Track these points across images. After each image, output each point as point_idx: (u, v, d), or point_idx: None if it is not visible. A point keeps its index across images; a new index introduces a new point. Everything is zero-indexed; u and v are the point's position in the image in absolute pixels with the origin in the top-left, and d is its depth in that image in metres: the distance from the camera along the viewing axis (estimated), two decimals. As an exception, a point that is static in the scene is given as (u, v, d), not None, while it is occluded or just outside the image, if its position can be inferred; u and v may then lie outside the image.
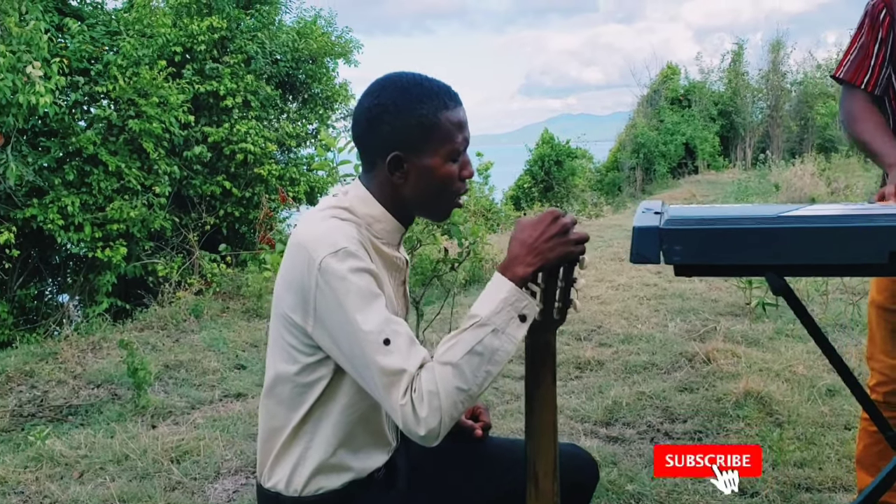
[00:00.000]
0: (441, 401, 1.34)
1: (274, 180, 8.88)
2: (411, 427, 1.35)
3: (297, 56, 9.61)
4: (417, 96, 1.50)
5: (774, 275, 1.61)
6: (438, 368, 1.36)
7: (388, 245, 1.57)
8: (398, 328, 1.40)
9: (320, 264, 1.40)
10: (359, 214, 1.53)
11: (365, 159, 1.57)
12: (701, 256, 1.55)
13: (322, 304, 1.41)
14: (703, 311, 5.71)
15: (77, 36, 7.01)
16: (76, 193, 7.07)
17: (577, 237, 1.44)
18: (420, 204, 1.56)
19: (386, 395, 1.36)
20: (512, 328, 1.39)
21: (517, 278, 1.41)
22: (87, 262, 7.61)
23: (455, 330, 1.42)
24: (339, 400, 1.52)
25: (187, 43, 8.44)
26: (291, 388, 1.52)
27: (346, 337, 1.39)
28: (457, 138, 1.52)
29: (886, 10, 2.19)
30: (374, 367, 1.37)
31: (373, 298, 1.40)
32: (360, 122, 1.54)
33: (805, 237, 1.51)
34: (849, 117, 2.26)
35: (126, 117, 7.27)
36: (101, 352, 5.73)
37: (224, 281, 7.53)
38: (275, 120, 9.55)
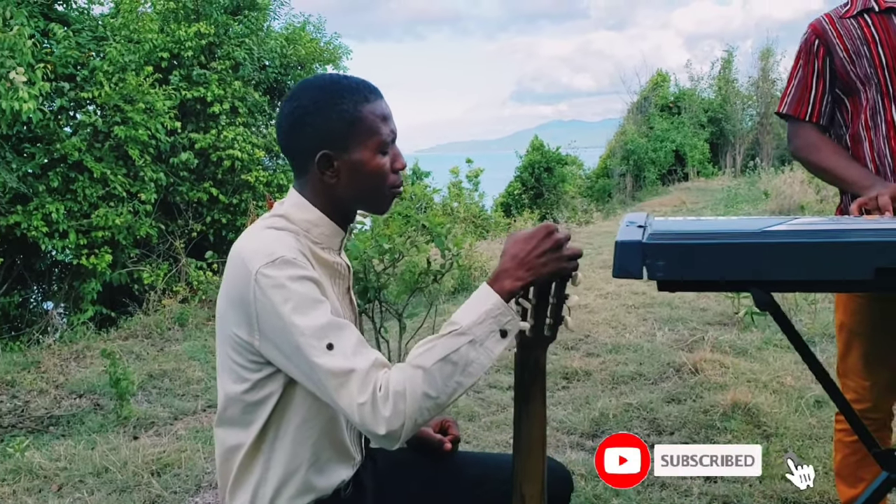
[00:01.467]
0: (406, 404, 1.30)
1: (261, 187, 8.83)
2: (370, 425, 1.30)
3: (286, 62, 9.57)
4: (337, 92, 1.48)
5: (759, 290, 1.58)
6: (409, 371, 1.33)
7: (329, 251, 1.54)
8: (343, 332, 1.36)
9: (256, 275, 1.36)
10: (295, 221, 1.50)
11: (295, 165, 1.54)
12: (684, 272, 1.53)
13: (263, 316, 1.37)
14: (692, 320, 5.69)
15: (63, 41, 6.94)
16: (61, 200, 7.00)
17: (571, 253, 1.41)
18: (356, 200, 1.53)
19: (338, 396, 1.32)
20: (491, 342, 1.35)
21: (504, 292, 1.37)
22: (72, 269, 7.54)
23: (433, 335, 1.38)
24: (293, 416, 1.48)
25: (174, 49, 8.38)
26: (242, 408, 1.48)
27: (290, 346, 1.35)
28: (382, 130, 1.49)
29: (819, 41, 2.22)
30: (321, 372, 1.32)
31: (314, 304, 1.37)
32: (284, 127, 1.51)
33: (790, 253, 1.49)
34: (803, 149, 2.27)
35: (112, 123, 7.21)
36: (85, 361, 5.69)
37: (210, 288, 7.48)
38: (263, 126, 9.50)
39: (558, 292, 1.44)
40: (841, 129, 2.24)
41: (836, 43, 2.18)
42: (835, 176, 2.18)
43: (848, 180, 2.12)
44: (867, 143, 2.15)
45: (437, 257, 4.20)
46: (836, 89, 2.22)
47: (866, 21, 2.15)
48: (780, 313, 1.77)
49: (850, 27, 2.16)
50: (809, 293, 5.35)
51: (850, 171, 2.13)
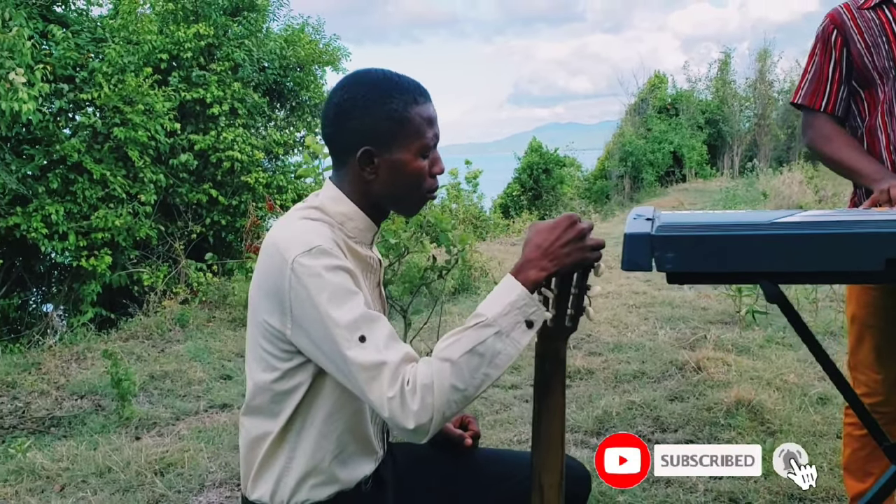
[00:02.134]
0: (434, 397, 1.30)
1: (261, 188, 8.81)
2: (399, 420, 1.30)
3: (285, 64, 9.55)
4: (388, 91, 1.47)
5: (768, 282, 1.57)
6: (436, 364, 1.32)
7: (361, 244, 1.54)
8: (375, 324, 1.36)
9: (293, 263, 1.36)
10: (330, 213, 1.50)
11: (335, 157, 1.54)
12: (693, 264, 1.51)
13: (297, 305, 1.37)
14: (693, 319, 5.68)
15: (62, 43, 6.93)
16: (60, 202, 6.99)
17: (594, 243, 1.41)
18: (391, 199, 1.54)
19: (368, 389, 1.32)
20: (517, 333, 1.35)
21: (529, 282, 1.37)
22: (72, 271, 7.52)
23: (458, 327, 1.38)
24: (320, 407, 1.48)
25: (174, 50, 8.37)
26: (271, 398, 1.48)
27: (322, 335, 1.35)
28: (427, 133, 1.49)
29: (837, 31, 2.21)
30: (352, 365, 1.32)
31: (349, 296, 1.37)
32: (330, 117, 1.51)
33: (800, 244, 1.48)
34: (817, 140, 2.27)
35: (111, 125, 7.19)
36: (86, 362, 5.66)
37: (210, 290, 7.46)
38: (262, 128, 9.48)
39: (580, 283, 1.44)
40: (856, 121, 2.23)
41: (853, 33, 2.17)
42: (847, 168, 2.17)
43: (860, 172, 2.11)
44: (883, 136, 2.15)
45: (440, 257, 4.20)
46: (853, 81, 2.21)
47: (885, 13, 2.14)
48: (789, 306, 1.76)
49: (869, 18, 2.15)
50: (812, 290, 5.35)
51: (861, 163, 2.12)
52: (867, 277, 1.83)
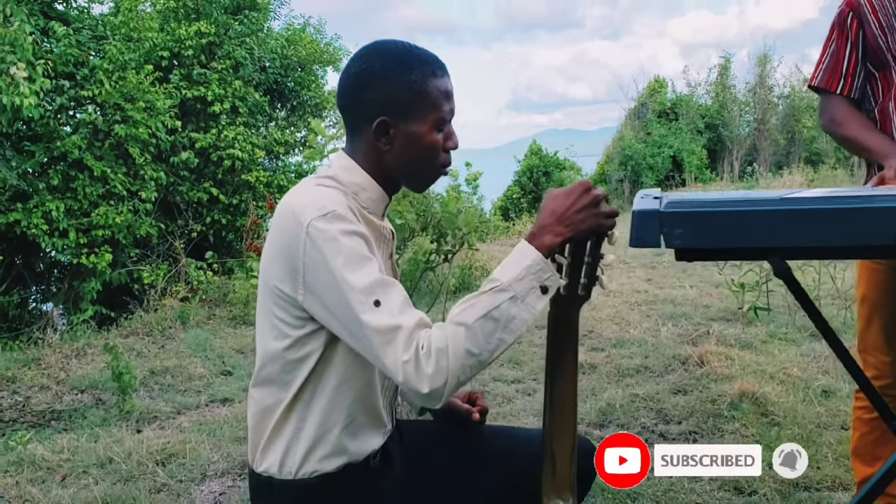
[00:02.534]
0: (449, 360, 1.29)
1: (262, 187, 8.80)
2: (413, 383, 1.29)
3: (286, 63, 9.55)
4: (407, 62, 1.47)
5: (778, 258, 1.57)
6: (451, 328, 1.31)
7: (374, 215, 1.53)
8: (390, 289, 1.35)
9: (308, 227, 1.35)
10: (344, 183, 1.49)
11: (350, 126, 1.53)
12: (702, 240, 1.51)
13: (311, 269, 1.36)
14: (695, 316, 5.68)
15: (63, 39, 6.93)
16: (61, 198, 6.97)
17: (609, 211, 1.40)
18: (404, 172, 1.53)
19: (383, 353, 1.31)
20: (532, 298, 1.34)
21: (544, 247, 1.37)
22: (72, 268, 7.51)
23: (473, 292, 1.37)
24: (331, 376, 1.47)
25: (175, 48, 8.36)
26: (282, 366, 1.47)
27: (337, 300, 1.34)
28: (444, 107, 1.49)
29: (853, 14, 2.22)
30: (367, 328, 1.32)
31: (364, 260, 1.36)
32: (347, 86, 1.51)
33: (809, 219, 1.48)
34: (832, 122, 2.29)
35: (112, 122, 7.19)
36: (86, 357, 5.65)
37: (210, 288, 7.45)
38: (263, 127, 9.48)
39: (593, 251, 1.43)
40: (870, 103, 2.24)
41: (869, 16, 2.18)
42: (859, 145, 2.19)
43: (872, 149, 2.13)
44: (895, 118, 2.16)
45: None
46: (868, 63, 2.21)
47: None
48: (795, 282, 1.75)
49: (885, 1, 2.16)
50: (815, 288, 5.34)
51: (873, 140, 2.14)
52: (877, 252, 1.83)
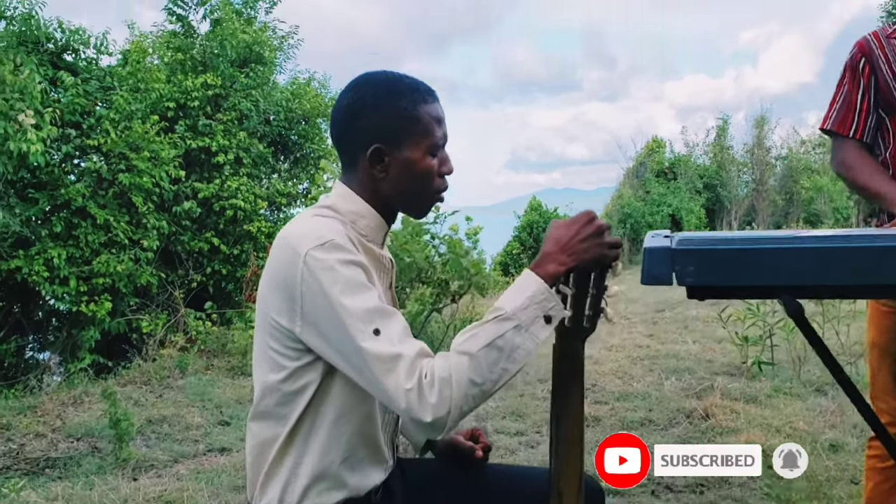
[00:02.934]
0: (452, 390, 1.27)
1: (263, 238, 8.81)
2: (416, 412, 1.27)
3: (290, 116, 9.65)
4: (397, 90, 1.49)
5: (790, 297, 1.56)
6: (454, 357, 1.30)
7: (374, 243, 1.52)
8: (390, 319, 1.34)
9: (305, 257, 1.35)
10: (342, 212, 1.49)
11: (345, 157, 1.54)
12: (714, 277, 1.50)
13: (309, 299, 1.35)
14: (699, 370, 5.63)
15: (70, 89, 7.01)
16: (63, 246, 6.97)
17: (613, 241, 1.40)
18: (401, 198, 1.53)
19: (384, 381, 1.29)
20: (536, 327, 1.33)
21: (548, 276, 1.36)
22: (71, 316, 7.47)
23: (475, 322, 1.35)
24: (329, 408, 1.44)
25: (181, 99, 8.46)
26: (278, 399, 1.44)
27: (335, 329, 1.33)
28: (436, 132, 1.50)
29: (865, 59, 2.24)
30: (367, 356, 1.30)
31: (363, 288, 1.35)
32: (340, 117, 1.52)
33: (821, 257, 1.47)
34: (843, 166, 2.30)
35: (116, 171, 7.23)
36: (83, 405, 5.58)
37: (209, 339, 7.40)
38: (265, 178, 9.54)
39: (598, 282, 1.42)
40: (880, 148, 2.25)
41: (881, 61, 2.20)
42: (870, 191, 2.19)
43: (883, 196, 2.13)
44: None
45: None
46: (879, 108, 2.23)
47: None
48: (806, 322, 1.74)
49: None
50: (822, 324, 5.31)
51: (884, 186, 2.14)
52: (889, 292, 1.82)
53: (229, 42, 8.62)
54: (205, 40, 8.93)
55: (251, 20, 9.50)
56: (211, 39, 8.83)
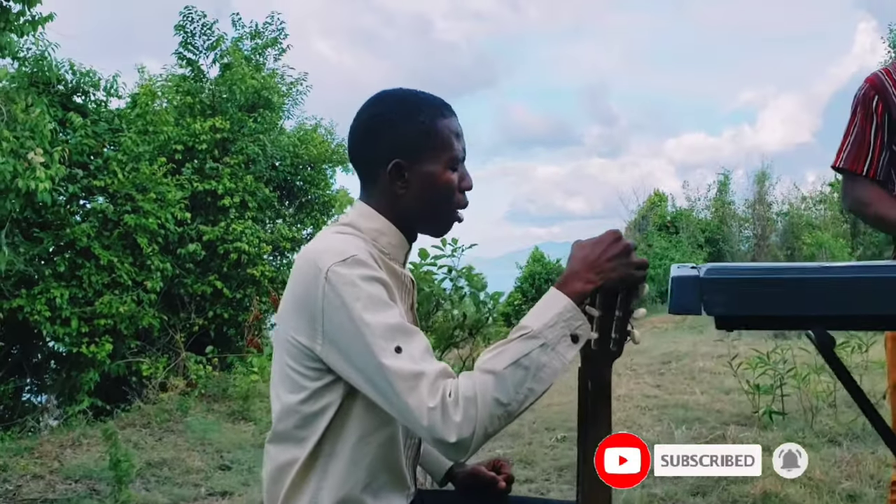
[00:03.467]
0: (478, 409, 1.22)
1: (266, 282, 8.77)
2: (440, 432, 1.22)
3: (296, 161, 9.69)
4: (416, 105, 1.47)
5: (821, 327, 1.52)
6: (478, 376, 1.25)
7: (395, 262, 1.49)
8: (412, 337, 1.30)
9: (327, 273, 1.31)
10: (363, 229, 1.46)
11: (364, 174, 1.51)
12: (744, 307, 1.46)
13: (330, 316, 1.31)
14: (709, 420, 5.54)
15: (79, 130, 7.04)
16: (66, 286, 6.94)
17: (640, 262, 1.36)
18: (421, 213, 1.49)
19: (407, 399, 1.24)
20: (562, 346, 1.28)
21: (575, 294, 1.31)
22: (71, 358, 7.39)
23: (500, 341, 1.30)
24: (350, 432, 1.39)
25: (189, 141, 8.50)
26: (297, 421, 1.39)
27: (356, 346, 1.28)
28: (455, 146, 1.48)
29: (878, 96, 2.22)
30: (388, 373, 1.25)
31: (385, 306, 1.31)
32: (359, 135, 1.50)
33: (853, 287, 1.44)
34: (861, 204, 2.27)
35: (122, 212, 7.23)
36: (81, 447, 5.47)
37: (210, 383, 7.31)
38: (270, 222, 9.53)
39: (623, 304, 1.37)
40: (892, 184, 2.22)
41: (893, 98, 2.18)
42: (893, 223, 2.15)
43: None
44: None
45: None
46: (893, 145, 2.21)
47: None
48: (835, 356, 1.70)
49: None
50: (830, 392, 5.24)
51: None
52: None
53: (238, 87, 8.70)
54: (214, 84, 9.01)
55: (260, 66, 9.59)
56: (220, 84, 8.91)
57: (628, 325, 1.39)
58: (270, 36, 9.79)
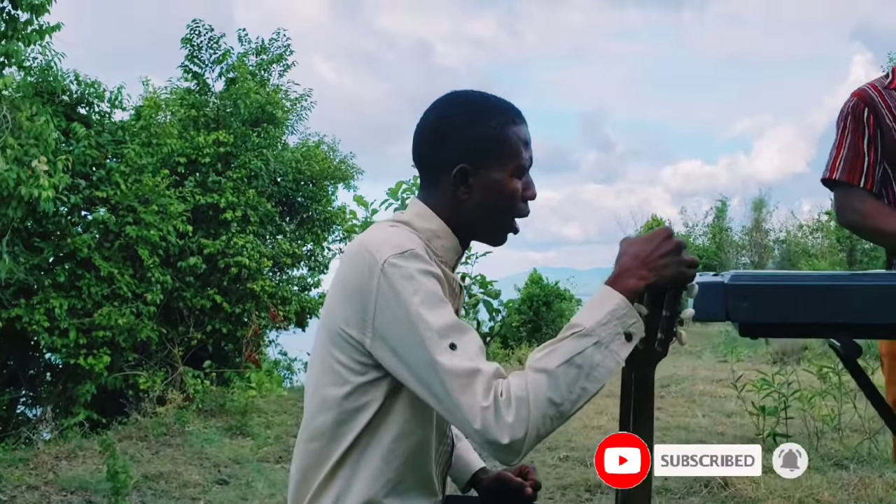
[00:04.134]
0: (530, 410, 1.19)
1: (266, 297, 8.72)
2: (492, 433, 1.18)
3: (299, 177, 9.67)
4: (486, 109, 1.45)
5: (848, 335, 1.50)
6: (531, 375, 1.21)
7: (446, 265, 1.46)
8: (466, 335, 1.27)
9: (384, 265, 1.29)
10: (418, 229, 1.43)
11: (426, 177, 1.49)
12: (769, 314, 1.46)
13: (383, 309, 1.28)
14: (711, 442, 5.49)
15: (83, 140, 7.02)
16: (65, 296, 6.88)
17: (690, 260, 1.33)
18: (482, 221, 1.47)
19: (459, 397, 1.20)
20: (616, 345, 1.25)
21: (628, 291, 1.28)
22: (68, 369, 7.32)
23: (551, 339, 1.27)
24: (386, 432, 1.36)
25: (192, 154, 8.47)
26: (336, 416, 1.36)
27: (410, 340, 1.25)
28: (523, 154, 1.46)
29: (868, 109, 2.20)
30: (442, 370, 1.21)
31: (441, 302, 1.28)
32: (425, 136, 1.47)
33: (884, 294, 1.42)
34: (860, 214, 2.24)
35: (124, 223, 7.19)
36: (77, 459, 5.42)
37: (208, 398, 7.26)
38: (271, 237, 9.50)
39: (671, 303, 1.35)
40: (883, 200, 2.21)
41: (883, 111, 2.17)
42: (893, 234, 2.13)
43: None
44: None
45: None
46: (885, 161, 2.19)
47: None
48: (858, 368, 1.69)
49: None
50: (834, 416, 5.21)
51: None
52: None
53: (243, 101, 8.69)
54: (219, 98, 9.00)
55: (264, 82, 9.60)
56: (225, 98, 8.90)
57: (675, 325, 1.37)
58: (276, 52, 9.80)
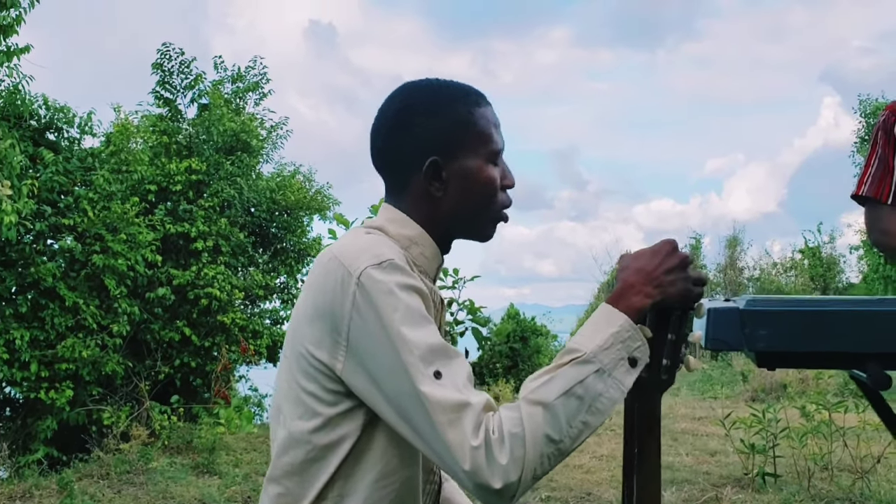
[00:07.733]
0: (526, 449, 1.01)
1: (237, 330, 8.48)
2: (483, 476, 1.00)
3: (273, 207, 9.50)
4: (449, 94, 1.28)
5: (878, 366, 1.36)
6: (525, 408, 1.04)
7: (426, 276, 1.27)
8: (454, 361, 1.08)
9: (360, 277, 1.10)
10: (393, 236, 1.24)
11: (393, 179, 1.30)
12: (790, 342, 1.32)
13: (358, 327, 1.09)
14: (698, 481, 5.34)
15: (50, 166, 6.81)
16: (27, 327, 6.62)
17: (698, 276, 1.17)
18: (462, 217, 1.28)
19: (446, 435, 1.02)
20: (620, 372, 1.08)
21: (632, 310, 1.11)
22: (28, 404, 7.03)
23: (546, 366, 1.10)
24: (366, 471, 1.16)
25: (163, 182, 8.28)
26: (306, 453, 1.16)
27: (389, 366, 1.07)
28: (495, 137, 1.29)
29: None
30: (427, 403, 1.03)
31: (425, 321, 1.10)
32: (386, 130, 1.29)
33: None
34: (887, 236, 2.16)
35: (90, 252, 6.96)
36: (33, 500, 5.14)
37: (174, 434, 6.99)
38: (243, 268, 9.28)
39: (677, 325, 1.19)
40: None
41: None
42: None
43: None
44: None
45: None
46: None
47: None
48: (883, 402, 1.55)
49: None
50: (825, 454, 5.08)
51: None
52: None
53: (216, 128, 8.53)
54: (191, 125, 8.84)
55: (240, 110, 9.46)
56: (197, 124, 8.74)
57: (682, 349, 1.21)
58: (252, 80, 9.68)
